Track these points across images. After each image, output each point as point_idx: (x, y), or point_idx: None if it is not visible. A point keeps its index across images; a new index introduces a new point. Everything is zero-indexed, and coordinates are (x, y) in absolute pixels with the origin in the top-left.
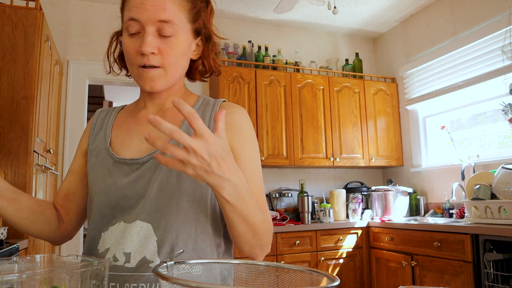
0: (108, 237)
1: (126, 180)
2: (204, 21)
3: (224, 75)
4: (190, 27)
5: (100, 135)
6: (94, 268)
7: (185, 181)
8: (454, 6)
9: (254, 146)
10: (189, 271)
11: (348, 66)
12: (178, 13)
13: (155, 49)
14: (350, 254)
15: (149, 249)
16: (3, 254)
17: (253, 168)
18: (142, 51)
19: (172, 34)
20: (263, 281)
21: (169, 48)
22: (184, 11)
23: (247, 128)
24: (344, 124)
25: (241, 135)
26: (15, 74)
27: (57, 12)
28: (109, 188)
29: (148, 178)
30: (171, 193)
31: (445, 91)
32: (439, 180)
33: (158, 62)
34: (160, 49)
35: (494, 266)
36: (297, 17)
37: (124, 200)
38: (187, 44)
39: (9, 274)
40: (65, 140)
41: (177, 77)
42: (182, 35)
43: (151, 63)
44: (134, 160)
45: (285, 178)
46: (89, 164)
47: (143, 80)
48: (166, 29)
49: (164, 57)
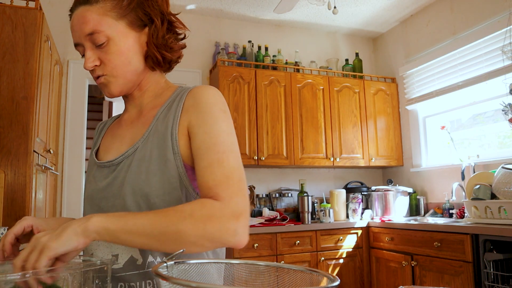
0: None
1: (105, 182)
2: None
3: (224, 75)
4: (123, 24)
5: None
6: (97, 268)
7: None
8: (454, 6)
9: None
10: (188, 270)
11: (348, 66)
12: (101, 18)
13: (96, 62)
14: (350, 254)
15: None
16: None
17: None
18: (85, 68)
19: (104, 41)
20: (263, 281)
21: (107, 55)
22: (108, 12)
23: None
24: (344, 124)
25: (199, 111)
26: (15, 74)
27: (57, 12)
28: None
29: (121, 179)
30: (141, 190)
31: (445, 91)
32: (439, 180)
33: (102, 71)
34: (101, 58)
35: (494, 266)
36: (297, 17)
37: (104, 202)
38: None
39: (12, 274)
40: (65, 140)
41: (131, 76)
42: (116, 36)
43: (97, 74)
44: (110, 162)
45: (285, 178)
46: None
47: (102, 90)
48: (97, 39)
49: (106, 64)
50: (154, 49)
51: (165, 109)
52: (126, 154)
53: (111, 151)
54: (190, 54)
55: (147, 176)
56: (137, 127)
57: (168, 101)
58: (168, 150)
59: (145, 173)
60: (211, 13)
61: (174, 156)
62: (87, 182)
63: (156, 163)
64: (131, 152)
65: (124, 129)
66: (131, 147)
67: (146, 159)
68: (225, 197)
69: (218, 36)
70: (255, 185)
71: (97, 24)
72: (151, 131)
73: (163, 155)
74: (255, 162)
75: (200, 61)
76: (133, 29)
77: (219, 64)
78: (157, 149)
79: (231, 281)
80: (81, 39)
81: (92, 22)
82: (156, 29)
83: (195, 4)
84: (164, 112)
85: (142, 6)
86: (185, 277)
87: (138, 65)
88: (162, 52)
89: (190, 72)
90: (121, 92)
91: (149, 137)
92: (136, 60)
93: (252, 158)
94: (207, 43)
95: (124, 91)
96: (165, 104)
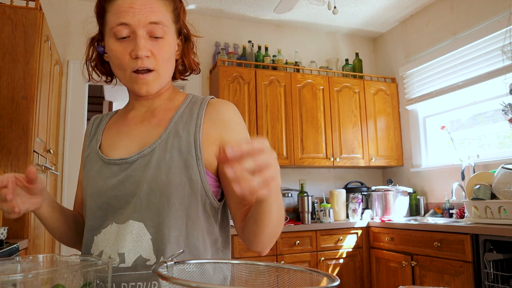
0: (101, 240)
1: (115, 180)
2: (183, 21)
3: (224, 75)
4: (174, 28)
5: (93, 140)
6: (98, 268)
7: (174, 178)
8: (454, 6)
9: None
10: (189, 270)
11: (348, 66)
12: (166, 14)
13: (149, 52)
14: (350, 254)
15: (144, 247)
16: (3, 254)
17: None
18: (138, 55)
19: (162, 35)
20: (263, 281)
21: (161, 50)
22: (170, 12)
23: (236, 121)
24: (344, 124)
25: (230, 127)
26: (15, 74)
27: (57, 12)
28: (99, 190)
29: (138, 177)
30: (161, 190)
31: (445, 91)
32: (439, 180)
33: (152, 64)
34: (153, 51)
35: (494, 266)
36: (297, 17)
37: (114, 201)
38: (174, 45)
39: (14, 274)
40: (65, 140)
41: (168, 78)
42: (170, 36)
43: (146, 66)
44: (123, 160)
45: (285, 178)
46: (84, 170)
47: (138, 85)
48: (156, 31)
49: (156, 59)
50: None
51: (182, 114)
52: (142, 153)
53: (119, 148)
54: None
55: (167, 177)
56: (150, 127)
57: (183, 106)
58: (191, 155)
59: (166, 175)
60: (211, 13)
61: (197, 162)
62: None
63: (178, 166)
64: (147, 152)
65: (133, 127)
66: (147, 147)
67: (167, 160)
68: None
69: (218, 36)
70: None
71: (164, 17)
72: (169, 133)
73: (186, 159)
74: None
75: (200, 61)
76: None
77: (219, 64)
78: (178, 153)
79: (231, 281)
80: (140, 24)
81: (160, 14)
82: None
83: (195, 4)
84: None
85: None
86: (185, 277)
87: (173, 69)
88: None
89: None
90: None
91: (169, 140)
92: (173, 65)
93: None
94: (207, 43)
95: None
96: (180, 108)
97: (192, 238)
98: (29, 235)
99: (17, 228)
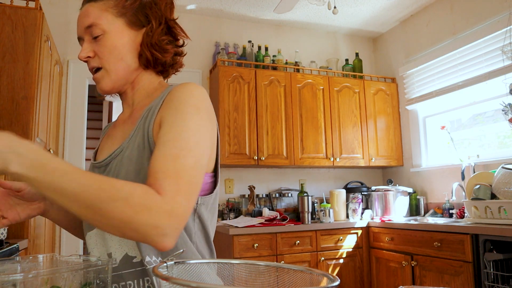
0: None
1: None
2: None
3: (224, 75)
4: (122, 21)
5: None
6: (98, 268)
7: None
8: (454, 6)
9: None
10: (188, 270)
11: (348, 66)
12: (100, 13)
13: (90, 53)
14: (350, 254)
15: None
16: (3, 254)
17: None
18: (80, 58)
19: (99, 33)
20: (263, 281)
21: (100, 47)
22: (109, 9)
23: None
24: (344, 124)
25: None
26: (15, 74)
27: (57, 12)
28: None
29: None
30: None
31: (445, 91)
32: (439, 180)
33: (97, 63)
34: (95, 50)
35: (494, 266)
36: (297, 17)
37: None
38: (122, 38)
39: (14, 274)
40: (65, 140)
41: (122, 72)
42: (112, 31)
43: (91, 66)
44: (100, 162)
45: (285, 178)
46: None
47: (96, 86)
48: (93, 31)
49: (99, 56)
50: (146, 48)
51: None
52: (113, 155)
53: (104, 151)
54: (190, 54)
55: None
56: (127, 126)
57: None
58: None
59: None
60: (211, 13)
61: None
62: None
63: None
64: (118, 152)
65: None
66: (118, 147)
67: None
68: (168, 193)
69: (218, 36)
70: (255, 185)
71: (97, 17)
72: (137, 129)
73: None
74: (255, 162)
75: (200, 61)
76: (130, 28)
77: (219, 64)
78: (137, 148)
79: (231, 281)
80: (82, 32)
81: (92, 16)
82: (152, 30)
83: (195, 4)
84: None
85: (143, 9)
86: (185, 277)
87: (131, 62)
88: (153, 52)
89: (190, 72)
90: (113, 89)
91: (136, 136)
92: (129, 57)
93: (252, 158)
94: (207, 43)
95: (115, 87)
96: (153, 102)
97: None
98: (29, 235)
99: (17, 228)
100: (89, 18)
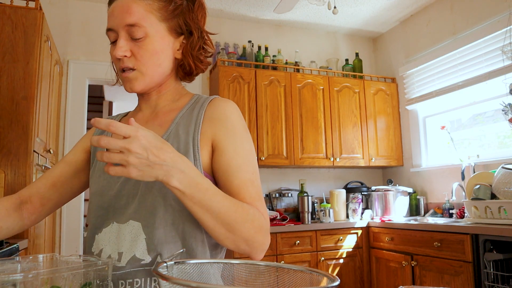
0: (102, 239)
1: (118, 180)
2: (185, 18)
3: (224, 75)
4: (164, 26)
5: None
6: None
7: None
8: (454, 6)
9: (241, 138)
10: (188, 270)
11: (348, 66)
12: (145, 14)
13: (127, 52)
14: (350, 254)
15: (138, 247)
16: (3, 254)
17: (240, 161)
18: (115, 55)
19: (141, 36)
20: (263, 281)
21: (140, 50)
22: (154, 11)
23: (233, 119)
24: (344, 124)
25: (226, 127)
26: (15, 74)
27: (57, 12)
28: (103, 189)
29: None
30: (158, 190)
31: (445, 91)
32: (439, 180)
33: (132, 63)
34: (133, 51)
35: (494, 266)
36: (297, 17)
37: (116, 200)
38: (162, 44)
39: (14, 274)
40: (65, 140)
41: (158, 77)
42: (154, 36)
43: (126, 65)
44: None
45: (285, 178)
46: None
47: (124, 83)
48: (135, 32)
49: (137, 58)
50: (190, 59)
51: (184, 115)
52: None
53: None
54: None
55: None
56: (153, 128)
57: (186, 107)
58: (189, 156)
59: None
60: (211, 13)
61: (195, 162)
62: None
63: None
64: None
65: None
66: None
67: None
68: (264, 214)
69: (218, 36)
70: None
71: (141, 18)
72: (170, 134)
73: None
74: None
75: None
76: (170, 34)
77: (219, 64)
78: None
79: (231, 281)
80: (119, 27)
81: (136, 15)
82: (194, 41)
83: None
84: (184, 117)
85: (184, 16)
86: (185, 277)
87: (166, 69)
88: (196, 63)
89: None
90: (143, 90)
91: (168, 140)
92: (166, 63)
93: None
94: None
95: (145, 89)
96: (183, 109)
97: (190, 239)
98: (29, 235)
99: None
100: (132, 16)
